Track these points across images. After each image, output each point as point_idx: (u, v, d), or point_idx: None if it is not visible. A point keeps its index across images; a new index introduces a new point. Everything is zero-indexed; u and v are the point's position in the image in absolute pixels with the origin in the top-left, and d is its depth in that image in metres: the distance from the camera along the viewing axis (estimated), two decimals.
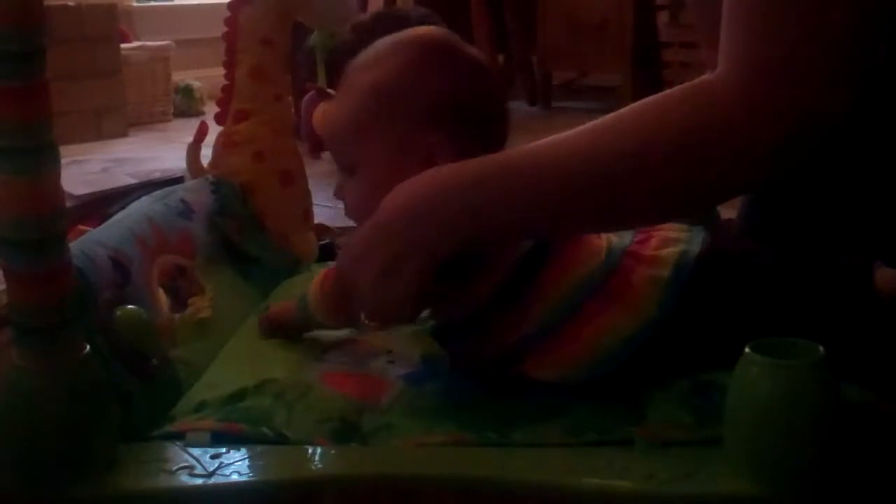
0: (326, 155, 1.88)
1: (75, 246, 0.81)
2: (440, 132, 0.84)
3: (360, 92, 0.87)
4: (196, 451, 0.73)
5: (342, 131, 0.89)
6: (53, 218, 0.68)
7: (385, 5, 3.28)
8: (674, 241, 0.83)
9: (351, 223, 0.93)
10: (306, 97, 1.17)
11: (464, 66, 0.87)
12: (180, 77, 3.59)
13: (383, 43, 0.90)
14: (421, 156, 0.83)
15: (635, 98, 0.76)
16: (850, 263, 0.78)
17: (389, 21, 1.19)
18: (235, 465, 0.71)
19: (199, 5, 3.89)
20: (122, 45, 3.32)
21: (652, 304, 0.79)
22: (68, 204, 0.89)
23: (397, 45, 0.89)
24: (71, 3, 3.05)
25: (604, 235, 0.84)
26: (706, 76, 0.72)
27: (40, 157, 0.67)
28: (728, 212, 1.20)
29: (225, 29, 1.22)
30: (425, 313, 0.89)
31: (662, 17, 3.24)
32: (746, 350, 0.66)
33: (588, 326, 0.80)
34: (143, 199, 1.05)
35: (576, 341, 0.80)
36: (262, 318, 0.99)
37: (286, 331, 0.97)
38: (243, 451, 0.73)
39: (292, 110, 1.26)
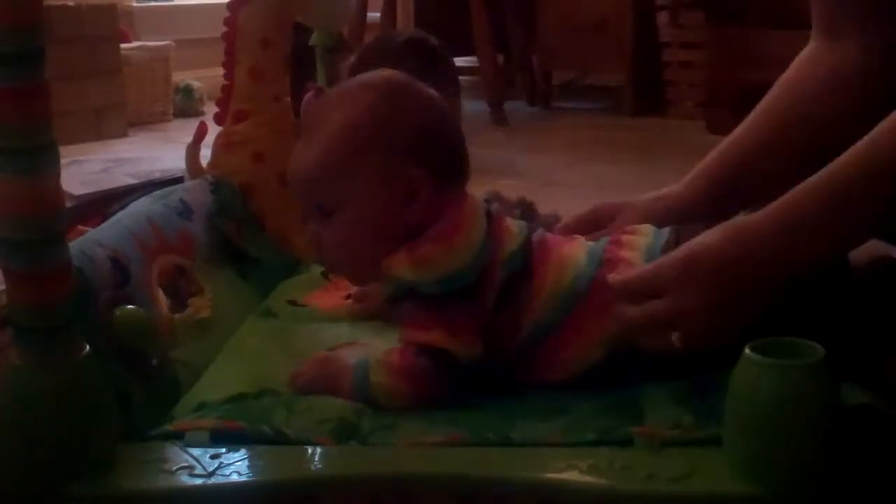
0: None
1: (75, 246, 0.81)
2: (421, 167, 0.85)
3: (334, 130, 0.86)
4: (196, 451, 0.73)
5: (320, 170, 0.86)
6: (53, 218, 0.68)
7: (384, 9, 3.28)
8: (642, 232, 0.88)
9: None
10: (306, 97, 1.17)
11: (426, 102, 0.89)
12: (180, 77, 3.59)
13: (341, 89, 0.91)
14: (404, 190, 0.85)
15: (635, 98, 0.78)
16: None
17: (416, 45, 1.23)
18: (235, 465, 0.71)
19: (199, 5, 3.89)
20: (122, 45, 3.31)
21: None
22: (68, 204, 0.89)
23: (358, 88, 0.89)
24: (71, 3, 3.05)
25: (580, 246, 0.88)
26: None
27: (40, 157, 0.67)
28: None
29: (224, 29, 1.22)
30: None
31: (662, 17, 3.24)
32: (746, 350, 0.66)
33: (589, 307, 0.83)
34: (143, 199, 1.05)
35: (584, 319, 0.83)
36: (300, 373, 0.87)
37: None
38: (243, 451, 0.73)
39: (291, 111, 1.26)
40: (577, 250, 0.88)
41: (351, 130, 0.86)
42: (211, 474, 0.70)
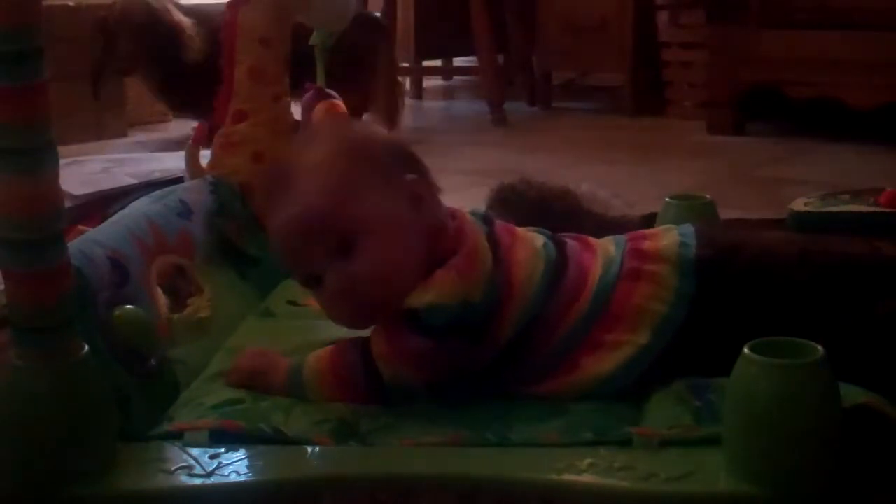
0: None
1: (74, 246, 0.81)
2: (410, 172, 0.87)
3: (319, 165, 0.85)
4: (195, 451, 0.73)
5: (328, 200, 0.83)
6: (53, 218, 0.68)
7: (385, 9, 3.28)
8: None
9: None
10: (305, 96, 1.17)
11: (379, 135, 0.94)
12: None
13: (294, 153, 0.91)
14: (406, 196, 0.85)
15: (635, 98, 0.78)
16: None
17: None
18: (234, 465, 0.71)
19: (198, 5, 3.89)
20: None
21: (650, 327, 0.81)
22: (68, 204, 0.89)
23: (311, 141, 0.94)
24: (71, 3, 3.05)
25: (598, 256, 0.86)
26: None
27: (40, 157, 0.67)
28: (727, 212, 1.20)
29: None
30: None
31: (662, 17, 3.24)
32: (746, 350, 0.66)
33: (593, 355, 0.82)
34: (143, 199, 1.05)
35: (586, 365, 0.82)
36: (234, 368, 0.88)
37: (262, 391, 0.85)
38: (242, 450, 0.73)
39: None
40: (596, 267, 0.85)
41: (338, 157, 0.85)
42: (210, 474, 0.70)
